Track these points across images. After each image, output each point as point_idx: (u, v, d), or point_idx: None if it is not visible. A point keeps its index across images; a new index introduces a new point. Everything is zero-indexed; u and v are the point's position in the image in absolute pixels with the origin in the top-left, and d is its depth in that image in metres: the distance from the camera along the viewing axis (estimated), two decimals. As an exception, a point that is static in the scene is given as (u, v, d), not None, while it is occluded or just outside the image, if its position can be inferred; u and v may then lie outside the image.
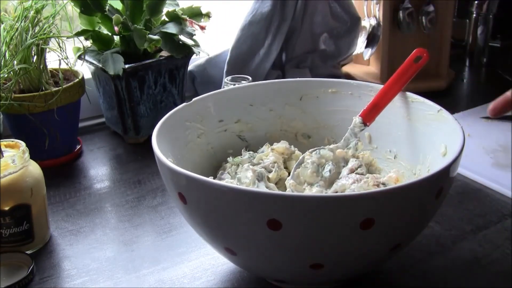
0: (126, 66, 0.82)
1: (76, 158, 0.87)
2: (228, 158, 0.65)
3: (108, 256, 0.63)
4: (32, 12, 0.76)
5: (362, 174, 0.59)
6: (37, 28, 0.77)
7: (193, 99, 0.64)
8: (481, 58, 1.26)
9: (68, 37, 0.82)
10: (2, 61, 0.75)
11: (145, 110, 0.88)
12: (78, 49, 0.87)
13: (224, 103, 0.67)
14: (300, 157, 0.62)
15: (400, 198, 0.45)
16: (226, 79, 0.84)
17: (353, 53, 1.15)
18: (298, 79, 0.71)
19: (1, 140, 0.64)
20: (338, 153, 0.61)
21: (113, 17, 0.80)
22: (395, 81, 0.63)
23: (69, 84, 0.81)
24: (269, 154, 0.64)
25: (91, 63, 0.87)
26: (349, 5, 1.09)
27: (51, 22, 0.78)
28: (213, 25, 0.92)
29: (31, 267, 0.59)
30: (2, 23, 0.76)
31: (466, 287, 0.57)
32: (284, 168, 0.64)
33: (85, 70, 0.87)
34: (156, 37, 0.82)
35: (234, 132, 0.68)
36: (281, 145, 0.65)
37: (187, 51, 0.87)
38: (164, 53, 0.89)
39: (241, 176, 0.60)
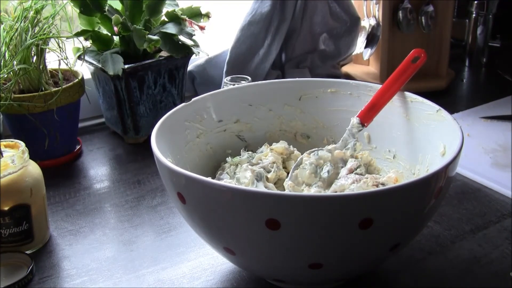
0: (126, 66, 0.83)
1: (75, 158, 0.87)
2: (227, 158, 0.65)
3: (107, 256, 0.63)
4: (31, 13, 0.76)
5: (361, 174, 0.59)
6: (36, 29, 0.77)
7: (193, 99, 0.64)
8: (480, 58, 1.26)
9: (67, 37, 0.82)
10: (2, 61, 0.75)
11: (144, 110, 0.89)
12: (78, 49, 0.87)
13: (223, 103, 0.67)
14: (298, 159, 0.63)
15: (399, 198, 0.45)
16: (226, 79, 0.84)
17: (353, 53, 1.15)
18: (297, 79, 0.71)
19: (1, 140, 0.64)
20: (336, 154, 0.61)
21: (113, 17, 0.80)
22: (393, 81, 0.63)
23: (69, 84, 0.81)
24: (268, 154, 0.64)
25: (90, 63, 0.87)
26: (349, 5, 1.09)
27: (51, 22, 0.78)
28: (213, 25, 0.92)
29: (31, 267, 0.59)
30: (2, 24, 0.76)
31: (466, 287, 0.57)
32: (283, 168, 0.64)
33: (84, 71, 0.88)
34: (155, 37, 0.82)
35: (233, 132, 0.68)
36: (280, 145, 0.65)
37: (187, 51, 0.87)
38: (164, 53, 0.89)
39: (240, 176, 0.60)
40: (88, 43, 0.87)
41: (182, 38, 0.87)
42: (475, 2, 1.21)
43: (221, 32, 1.05)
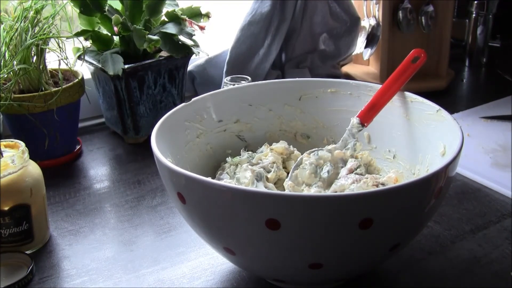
0: (126, 66, 0.83)
1: (75, 158, 0.87)
2: (227, 158, 0.65)
3: (107, 256, 0.63)
4: (31, 13, 0.76)
5: (361, 174, 0.59)
6: (36, 29, 0.77)
7: (193, 99, 0.64)
8: (480, 58, 1.26)
9: (67, 38, 0.82)
10: (2, 61, 0.75)
11: (144, 110, 0.89)
12: (78, 49, 0.87)
13: (223, 103, 0.67)
14: (298, 159, 0.63)
15: (399, 198, 0.45)
16: (226, 79, 0.84)
17: (353, 53, 1.15)
18: (297, 79, 0.71)
19: (1, 140, 0.64)
20: (336, 154, 0.61)
21: (113, 17, 0.80)
22: (393, 81, 0.63)
23: (69, 84, 0.81)
24: (268, 154, 0.64)
25: (90, 63, 0.87)
26: (349, 5, 1.10)
27: (51, 22, 0.78)
28: (213, 25, 0.92)
29: (31, 267, 0.59)
30: (2, 24, 0.76)
31: (466, 287, 0.57)
32: (283, 168, 0.64)
33: (84, 71, 0.88)
34: (155, 37, 0.82)
35: (233, 132, 0.68)
36: (280, 145, 0.65)
37: (187, 51, 0.87)
38: (164, 53, 0.89)
39: (240, 176, 0.60)
40: (88, 43, 0.87)
41: (182, 38, 0.87)
42: (475, 2, 1.21)
43: (221, 32, 1.05)
